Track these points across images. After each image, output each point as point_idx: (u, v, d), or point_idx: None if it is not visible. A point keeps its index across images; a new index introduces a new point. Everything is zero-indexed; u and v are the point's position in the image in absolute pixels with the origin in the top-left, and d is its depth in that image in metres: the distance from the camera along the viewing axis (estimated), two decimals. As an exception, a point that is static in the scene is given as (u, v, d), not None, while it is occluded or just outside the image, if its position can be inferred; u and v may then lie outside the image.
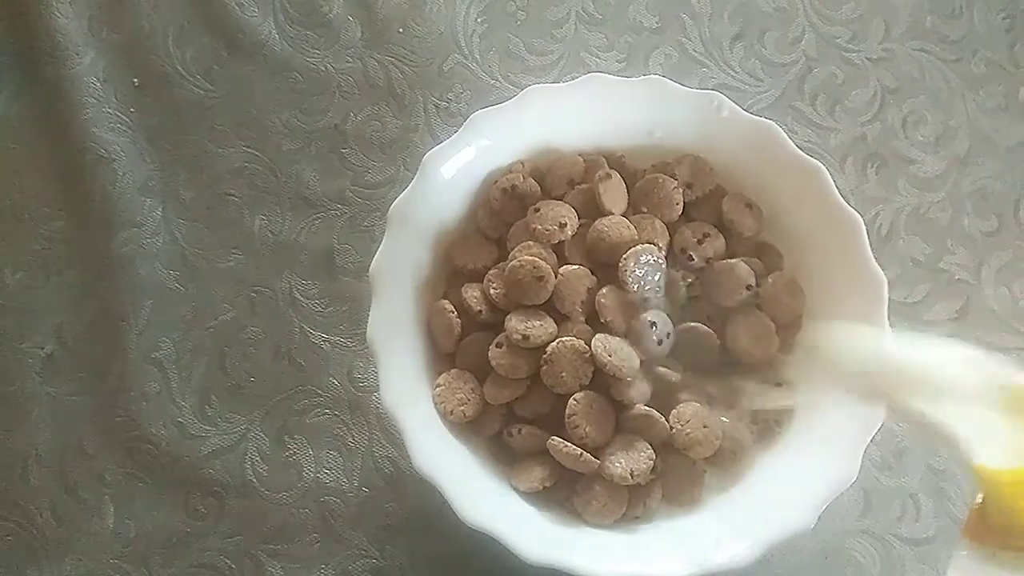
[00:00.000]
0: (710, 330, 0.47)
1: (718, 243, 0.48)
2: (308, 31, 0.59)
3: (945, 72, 0.59)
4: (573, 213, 0.47)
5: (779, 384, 0.47)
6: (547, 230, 0.46)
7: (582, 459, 0.44)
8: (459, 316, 0.46)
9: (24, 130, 0.58)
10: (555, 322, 0.46)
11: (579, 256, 0.47)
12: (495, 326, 0.46)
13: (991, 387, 0.33)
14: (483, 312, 0.46)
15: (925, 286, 0.55)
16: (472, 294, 0.47)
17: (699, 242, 0.48)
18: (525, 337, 0.45)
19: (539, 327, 0.45)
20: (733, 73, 0.58)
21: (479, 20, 0.59)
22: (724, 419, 0.46)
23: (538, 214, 0.47)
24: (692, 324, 0.47)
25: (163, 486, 0.53)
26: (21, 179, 0.58)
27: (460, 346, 0.47)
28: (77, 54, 0.58)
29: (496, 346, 0.45)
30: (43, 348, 0.55)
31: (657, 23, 0.59)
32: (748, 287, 0.47)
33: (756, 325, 0.47)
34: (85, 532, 0.52)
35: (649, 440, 0.45)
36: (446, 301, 0.47)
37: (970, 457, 0.32)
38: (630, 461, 0.44)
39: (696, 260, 0.48)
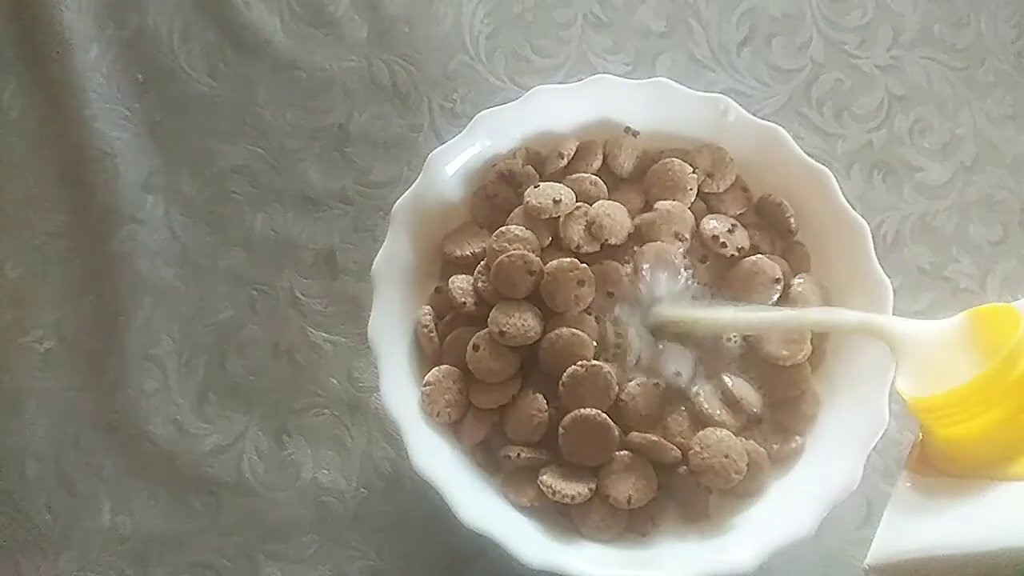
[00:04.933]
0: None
1: (744, 235, 0.47)
2: (313, 29, 0.59)
3: (952, 80, 0.59)
4: (570, 192, 0.46)
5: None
6: (541, 204, 0.45)
7: (573, 502, 0.43)
8: (438, 323, 0.46)
9: (27, 124, 0.58)
10: (542, 316, 0.44)
11: (578, 236, 0.45)
12: (482, 319, 0.45)
13: (920, 329, 0.35)
14: (467, 304, 0.45)
15: (930, 295, 0.55)
16: (459, 285, 0.46)
17: (729, 231, 0.46)
18: (502, 333, 0.44)
19: (520, 325, 0.44)
20: (740, 78, 0.58)
21: (485, 21, 0.59)
22: (746, 446, 0.44)
23: (536, 189, 0.46)
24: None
25: (160, 483, 0.52)
26: (23, 173, 0.57)
27: (446, 342, 0.46)
28: (82, 49, 0.58)
29: (473, 348, 0.44)
30: (42, 343, 0.55)
31: (664, 27, 0.59)
32: (776, 280, 0.46)
33: None
34: (81, 528, 0.52)
35: (656, 461, 0.44)
36: (426, 312, 0.46)
37: (903, 391, 0.33)
38: (628, 486, 0.43)
39: (728, 248, 0.46)
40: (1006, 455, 0.31)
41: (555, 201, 0.45)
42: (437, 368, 0.45)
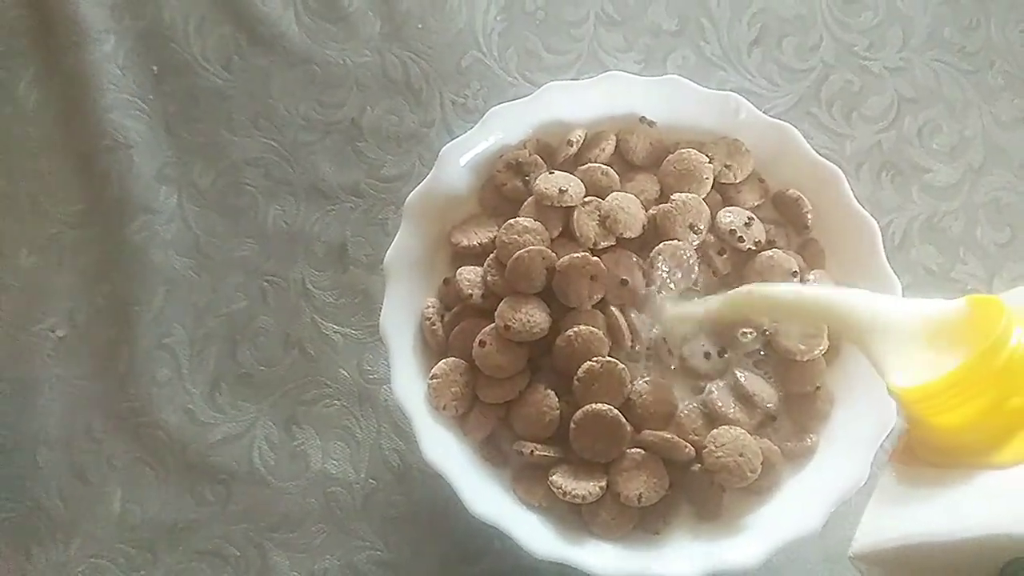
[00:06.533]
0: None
1: (760, 229, 0.47)
2: (327, 24, 0.59)
3: (961, 83, 0.59)
4: (579, 184, 0.46)
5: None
6: (547, 190, 0.45)
7: (583, 502, 0.43)
8: (444, 315, 0.46)
9: (43, 114, 0.59)
10: (550, 311, 0.44)
11: (592, 232, 0.45)
12: (490, 312, 0.45)
13: (908, 320, 0.36)
14: (474, 296, 0.45)
15: (937, 295, 0.55)
16: (466, 277, 0.46)
17: (746, 225, 0.46)
18: (508, 328, 0.43)
19: (526, 320, 0.44)
20: (750, 77, 0.59)
21: (498, 18, 0.59)
22: (760, 444, 0.44)
23: (547, 175, 0.46)
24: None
25: (170, 472, 0.53)
26: (38, 163, 0.58)
27: (453, 334, 0.46)
28: (98, 41, 0.59)
29: (480, 344, 0.44)
30: (55, 331, 0.55)
31: (676, 26, 0.60)
32: (793, 273, 0.46)
33: None
34: (91, 515, 0.52)
35: (669, 459, 0.44)
36: (429, 305, 0.46)
37: (890, 381, 0.34)
38: (639, 484, 0.43)
39: (745, 241, 0.46)
40: (990, 443, 0.31)
41: (561, 191, 0.45)
42: (444, 361, 0.46)
